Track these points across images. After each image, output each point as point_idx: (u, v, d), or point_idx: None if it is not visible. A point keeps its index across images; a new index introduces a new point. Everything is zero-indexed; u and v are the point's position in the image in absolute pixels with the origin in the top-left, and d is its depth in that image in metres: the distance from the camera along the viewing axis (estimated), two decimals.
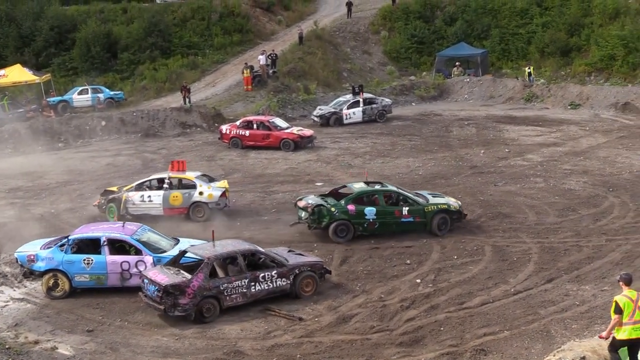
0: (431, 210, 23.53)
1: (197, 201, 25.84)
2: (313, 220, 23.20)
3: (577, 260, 20.89)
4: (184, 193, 25.92)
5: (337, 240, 23.00)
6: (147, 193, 25.93)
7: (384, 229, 23.37)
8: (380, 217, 23.24)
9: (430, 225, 23.49)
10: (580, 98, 45.79)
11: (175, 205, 25.86)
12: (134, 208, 25.77)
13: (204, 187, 25.97)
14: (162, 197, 25.84)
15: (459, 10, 60.24)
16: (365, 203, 23.52)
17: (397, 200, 23.82)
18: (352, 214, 23.14)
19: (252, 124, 37.70)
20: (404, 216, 23.43)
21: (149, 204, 25.84)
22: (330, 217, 23.07)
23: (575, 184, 28.68)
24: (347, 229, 23.16)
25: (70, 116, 43.95)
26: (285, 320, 17.88)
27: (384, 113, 43.45)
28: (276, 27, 62.81)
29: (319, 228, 23.33)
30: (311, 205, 23.30)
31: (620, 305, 12.69)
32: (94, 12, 60.51)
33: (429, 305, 18.28)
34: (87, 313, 18.70)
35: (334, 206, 23.21)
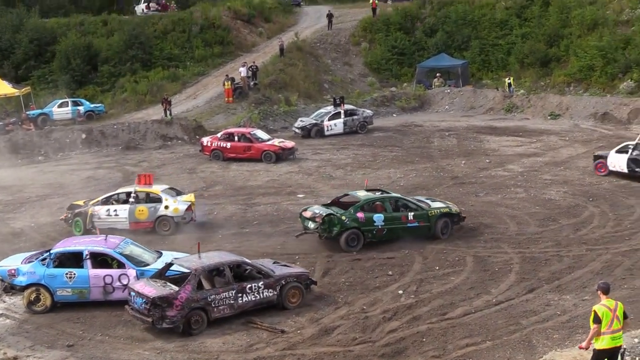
0: (434, 215, 23.91)
1: (163, 215, 25.73)
2: (324, 229, 23.13)
3: (558, 270, 20.98)
4: (150, 207, 25.84)
5: (348, 250, 23.04)
6: (113, 207, 25.87)
7: (391, 235, 23.60)
8: (388, 223, 23.46)
9: (434, 229, 23.88)
10: (560, 108, 46.12)
11: (141, 220, 25.76)
12: (100, 222, 25.62)
13: (170, 201, 25.88)
14: (128, 211, 25.75)
15: (439, 21, 60.61)
16: (372, 210, 23.65)
17: (402, 206, 24.09)
18: (362, 222, 23.26)
19: (233, 136, 37.66)
20: (409, 221, 23.74)
21: (115, 217, 25.74)
22: (342, 225, 23.09)
23: (556, 194, 28.83)
24: (358, 237, 23.27)
25: (50, 129, 43.73)
26: (267, 332, 17.82)
27: (365, 124, 43.56)
28: (257, 39, 62.87)
29: (330, 237, 23.28)
30: (320, 215, 23.26)
31: (599, 314, 12.76)
32: (74, 24, 60.40)
33: (411, 317, 18.28)
34: (67, 327, 18.54)
35: (344, 215, 23.21)
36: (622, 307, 13.02)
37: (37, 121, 46.95)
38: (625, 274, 20.47)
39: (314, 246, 23.78)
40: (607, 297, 13.05)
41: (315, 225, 23.33)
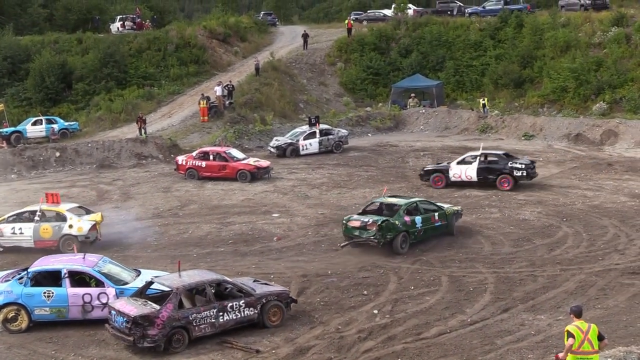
0: (450, 213, 26.24)
1: (67, 234, 25.68)
2: (382, 235, 24.03)
3: (532, 290, 21.08)
4: (54, 226, 25.82)
5: (399, 252, 24.31)
6: (18, 225, 25.87)
7: (425, 235, 25.38)
8: (425, 224, 25.16)
9: (450, 227, 26.07)
10: (534, 129, 46.57)
11: (46, 238, 25.75)
12: (5, 240, 25.79)
13: (74, 220, 25.83)
14: (33, 230, 25.73)
15: (413, 42, 61.12)
16: (411, 214, 25.11)
17: (429, 209, 25.91)
18: (409, 225, 24.73)
19: (208, 155, 37.59)
20: (435, 221, 25.63)
21: (20, 236, 25.78)
22: (395, 230, 24.27)
23: (530, 214, 29.02)
24: (406, 239, 24.63)
25: (23, 147, 43.42)
26: (242, 352, 17.71)
27: (340, 144, 43.69)
28: (232, 58, 62.99)
29: (385, 242, 24.21)
30: (374, 222, 24.13)
31: (572, 332, 12.87)
32: (49, 42, 60.15)
33: (386, 336, 18.27)
34: (39, 347, 18.33)
35: (395, 219, 24.44)
36: (595, 330, 13.09)
37: (11, 139, 46.67)
38: (599, 294, 20.60)
39: (288, 265, 23.75)
40: (580, 319, 13.14)
41: (371, 232, 24.12)
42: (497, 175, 32.96)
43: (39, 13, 71.71)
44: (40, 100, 54.40)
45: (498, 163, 33.38)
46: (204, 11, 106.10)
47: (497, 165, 33.22)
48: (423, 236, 25.32)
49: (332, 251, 25.26)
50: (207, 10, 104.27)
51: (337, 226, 28.03)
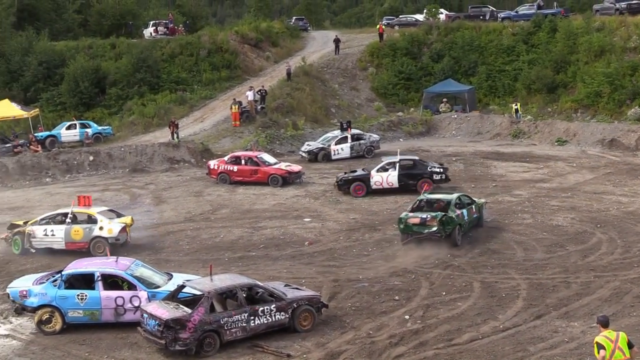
0: (481, 205, 27.85)
1: (98, 236, 25.91)
2: (443, 229, 25.20)
3: (565, 297, 20.87)
4: (85, 228, 26.04)
5: (457, 244, 25.48)
6: (50, 227, 26.12)
7: (469, 226, 26.79)
8: (468, 217, 26.57)
9: (481, 219, 27.65)
10: (567, 134, 46.14)
11: (77, 240, 25.94)
12: (37, 241, 25.99)
13: (105, 222, 26.07)
14: (64, 232, 25.96)
15: (445, 47, 60.89)
16: (459, 208, 26.37)
17: (467, 202, 27.24)
18: (461, 218, 26.03)
19: (240, 160, 37.72)
20: (473, 213, 27.10)
21: (52, 237, 26.01)
22: (453, 223, 25.49)
23: (563, 220, 28.74)
24: (459, 232, 25.89)
25: (58, 151, 43.89)
26: (273, 356, 17.73)
27: (371, 149, 43.64)
28: (264, 63, 63.19)
29: (446, 236, 25.35)
30: (434, 218, 25.23)
31: (602, 343, 12.73)
32: (83, 47, 60.82)
33: (417, 342, 18.19)
34: (73, 349, 18.50)
35: (452, 213, 25.63)
36: (625, 338, 12.94)
37: (45, 143, 47.19)
38: (634, 301, 20.32)
39: (319, 270, 23.75)
40: (608, 329, 13.00)
41: (433, 227, 25.15)
42: (418, 180, 33.56)
43: (74, 19, 72.52)
44: (75, 104, 55.02)
45: (417, 168, 34.04)
46: (236, 16, 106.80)
47: (417, 171, 33.84)
48: (467, 227, 26.62)
49: (363, 256, 25.23)
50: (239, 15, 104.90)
51: (368, 231, 28.07)
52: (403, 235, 25.95)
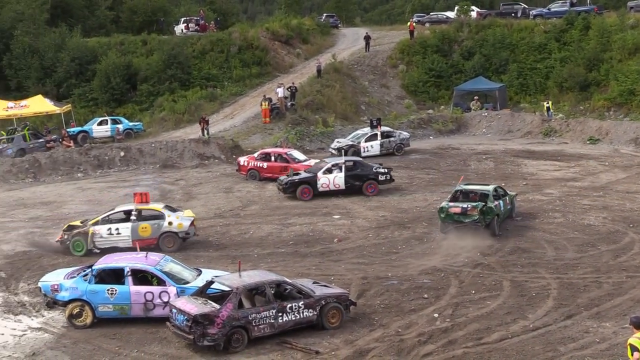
0: (512, 197, 28.89)
1: (168, 231, 25.93)
2: (483, 219, 26.19)
3: (597, 297, 20.67)
4: (153, 224, 25.99)
5: (496, 234, 26.36)
6: (114, 225, 25.91)
7: (503, 217, 27.58)
8: (504, 208, 27.55)
9: (513, 209, 28.77)
10: (600, 133, 45.65)
11: (145, 237, 25.84)
12: (101, 241, 25.78)
13: (173, 217, 26.07)
14: (131, 229, 25.86)
15: (476, 44, 60.54)
16: (496, 198, 27.22)
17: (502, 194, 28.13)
18: (498, 208, 26.99)
19: (270, 156, 37.80)
20: (507, 204, 28.04)
21: (117, 236, 25.84)
22: (492, 213, 26.45)
23: (595, 219, 28.47)
24: (497, 221, 26.71)
25: (89, 147, 44.29)
26: (302, 353, 17.76)
27: (401, 146, 43.52)
28: (294, 59, 63.27)
29: (486, 225, 26.29)
30: (474, 208, 26.18)
31: (636, 345, 12.59)
32: (115, 43, 61.29)
33: (446, 340, 18.12)
34: (104, 343, 18.67)
35: (490, 204, 26.51)
36: None
37: (77, 138, 47.69)
38: None
39: (348, 267, 23.74)
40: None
41: (474, 216, 26.13)
42: (364, 181, 33.37)
43: (106, 15, 73.09)
44: (106, 100, 55.51)
45: (363, 170, 33.73)
46: (266, 13, 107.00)
47: (363, 172, 33.53)
48: (502, 218, 27.43)
49: (392, 254, 25.18)
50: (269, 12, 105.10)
51: (398, 229, 28.01)
52: (443, 224, 26.87)
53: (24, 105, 49.83)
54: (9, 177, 39.87)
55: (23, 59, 58.88)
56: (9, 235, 28.82)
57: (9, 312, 20.82)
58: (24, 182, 39.53)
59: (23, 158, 41.83)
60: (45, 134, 47.36)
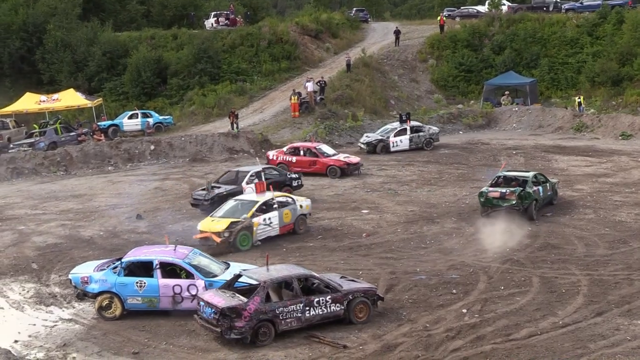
0: (554, 184, 29.93)
1: (301, 214, 27.42)
2: (521, 203, 27.35)
3: (628, 294, 20.45)
4: (292, 209, 27.05)
5: (533, 218, 27.48)
6: (267, 215, 26.43)
7: (543, 202, 28.77)
8: (543, 193, 28.67)
9: (555, 196, 29.86)
10: (632, 128, 45.10)
11: (287, 222, 26.88)
12: (259, 233, 26.07)
13: (302, 201, 27.78)
14: (278, 217, 26.54)
15: (507, 39, 60.12)
16: (536, 184, 28.42)
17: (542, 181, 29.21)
18: (537, 194, 28.07)
19: (299, 151, 37.85)
20: (548, 191, 29.10)
21: (270, 226, 26.39)
22: (530, 198, 27.61)
23: (627, 215, 28.17)
24: (535, 207, 27.82)
25: (120, 140, 44.62)
26: (329, 347, 17.77)
27: (431, 141, 43.35)
28: (324, 54, 63.24)
29: (523, 209, 27.47)
30: (512, 193, 27.35)
31: None
32: (145, 38, 61.74)
33: (475, 336, 18.04)
34: (133, 335, 18.83)
35: (529, 189, 27.66)
36: None
37: (108, 132, 48.08)
38: None
39: (376, 262, 23.71)
40: None
41: (512, 201, 27.32)
42: (281, 187, 32.04)
43: (137, 10, 73.53)
44: (137, 94, 55.95)
45: (280, 176, 32.94)
46: (296, 7, 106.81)
47: (279, 178, 32.70)
48: (542, 204, 28.58)
49: (421, 249, 25.12)
50: (299, 6, 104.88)
51: (426, 224, 27.93)
52: (483, 207, 28.12)
53: (56, 99, 50.36)
54: (41, 170, 40.34)
55: (55, 53, 59.49)
56: (40, 227, 29.16)
57: (41, 303, 21.09)
58: (55, 175, 39.96)
59: (55, 151, 42.29)
60: (76, 127, 47.84)
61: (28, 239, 27.58)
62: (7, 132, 47.43)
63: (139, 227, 28.64)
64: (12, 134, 47.49)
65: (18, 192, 36.20)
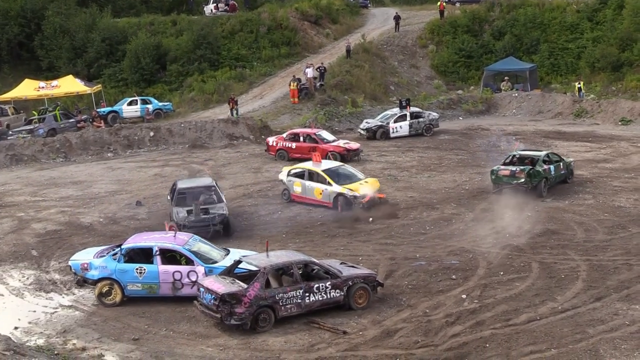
0: (569, 163, 30.94)
1: None
2: (530, 181, 28.45)
3: (627, 279, 20.49)
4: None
5: (542, 195, 28.63)
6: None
7: (555, 181, 29.82)
8: (556, 172, 29.76)
9: (569, 176, 30.79)
10: (632, 114, 45.02)
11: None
12: None
13: None
14: None
15: (507, 24, 59.94)
16: (547, 163, 29.49)
17: (555, 160, 30.14)
18: (547, 172, 29.17)
19: (298, 137, 37.80)
20: (561, 169, 30.09)
21: None
22: (540, 176, 28.77)
23: (626, 201, 28.17)
24: (545, 184, 29.03)
25: (119, 127, 44.59)
26: (329, 333, 17.84)
27: (430, 127, 43.29)
28: (324, 40, 63.09)
29: (532, 187, 28.57)
30: (522, 171, 28.47)
31: None
32: (144, 24, 61.56)
33: (474, 322, 18.09)
34: (133, 321, 18.89)
35: (539, 167, 28.80)
36: None
37: (107, 119, 48.05)
38: None
39: (376, 248, 23.74)
40: None
41: (520, 179, 28.46)
42: None
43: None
44: (136, 81, 55.83)
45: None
46: None
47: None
48: (553, 182, 29.60)
49: (420, 234, 25.14)
50: None
51: (426, 209, 27.94)
52: (494, 185, 29.29)
53: (55, 86, 50.25)
54: (40, 157, 40.31)
55: (54, 40, 59.37)
56: (40, 214, 29.18)
57: (41, 290, 21.15)
58: (55, 161, 39.93)
59: (54, 138, 42.26)
60: (75, 114, 47.80)
61: (28, 226, 27.61)
62: (6, 118, 47.39)
63: (139, 214, 28.68)
64: (11, 120, 47.47)
65: (17, 179, 36.19)
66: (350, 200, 27.76)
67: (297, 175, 29.63)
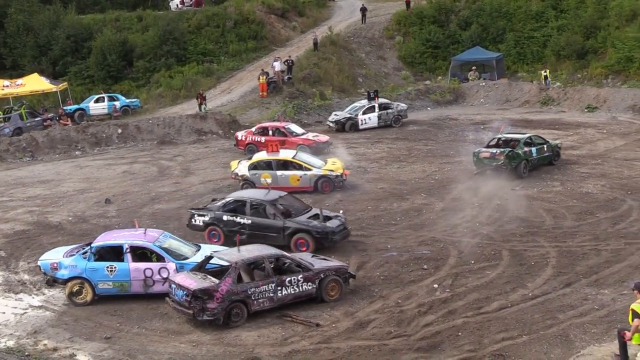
0: (554, 146, 31.85)
1: None
2: (509, 163, 29.46)
3: (595, 264, 20.74)
4: None
5: (522, 177, 29.72)
6: None
7: (538, 163, 30.90)
8: (538, 154, 30.77)
9: (555, 157, 31.71)
10: (597, 101, 45.48)
11: None
12: None
13: None
14: None
15: (473, 14, 60.18)
16: (528, 145, 30.57)
17: (538, 142, 31.25)
18: (528, 154, 30.28)
19: (267, 131, 37.71)
20: (545, 152, 31.12)
21: None
22: (519, 158, 29.85)
23: (593, 187, 28.48)
24: (526, 166, 30.10)
25: (86, 124, 44.18)
26: (302, 326, 17.86)
27: (399, 118, 43.39)
28: (291, 33, 62.97)
29: (511, 168, 29.55)
30: (501, 153, 29.61)
31: (638, 311, 12.61)
32: (110, 20, 60.99)
33: (446, 310, 18.21)
34: (105, 320, 18.77)
35: (519, 150, 29.96)
36: None
37: (74, 116, 47.56)
38: None
39: (348, 240, 23.73)
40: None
41: (500, 160, 29.52)
42: None
43: None
44: (102, 78, 55.32)
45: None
46: None
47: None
48: (536, 164, 30.69)
49: (391, 225, 25.22)
50: None
51: (396, 200, 28.00)
52: (476, 166, 30.41)
53: (20, 84, 49.59)
54: (6, 157, 39.84)
55: (18, 37, 58.65)
56: (7, 215, 28.86)
57: (10, 291, 20.92)
58: (21, 161, 39.50)
59: (20, 137, 41.75)
60: (42, 112, 47.22)
61: None
62: None
63: (108, 212, 28.48)
64: None
65: None
66: (333, 181, 29.48)
67: (262, 167, 29.52)
